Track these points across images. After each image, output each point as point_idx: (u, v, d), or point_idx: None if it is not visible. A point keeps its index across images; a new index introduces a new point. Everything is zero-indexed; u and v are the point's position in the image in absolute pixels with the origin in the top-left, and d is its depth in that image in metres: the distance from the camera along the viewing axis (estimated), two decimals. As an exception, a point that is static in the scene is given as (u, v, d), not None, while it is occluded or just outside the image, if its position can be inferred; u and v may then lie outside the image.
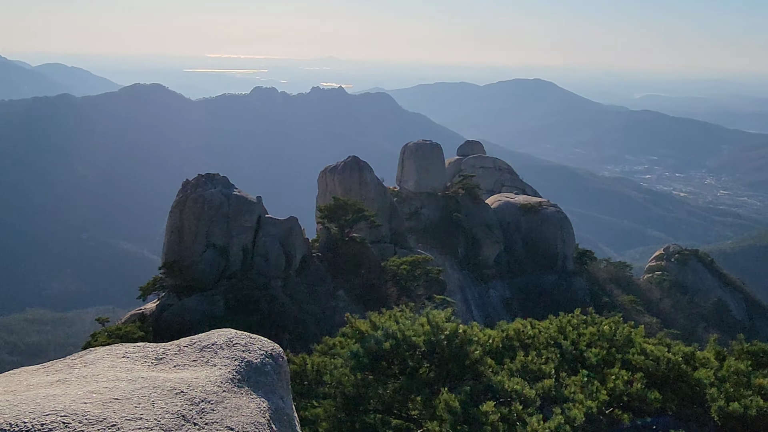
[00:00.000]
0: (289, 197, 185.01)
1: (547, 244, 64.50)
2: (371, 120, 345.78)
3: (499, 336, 9.21)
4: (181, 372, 3.71)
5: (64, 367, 3.65)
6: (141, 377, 3.36)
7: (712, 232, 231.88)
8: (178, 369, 3.74)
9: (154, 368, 3.65)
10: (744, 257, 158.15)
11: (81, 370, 3.52)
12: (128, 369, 3.52)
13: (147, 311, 36.70)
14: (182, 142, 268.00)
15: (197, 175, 42.06)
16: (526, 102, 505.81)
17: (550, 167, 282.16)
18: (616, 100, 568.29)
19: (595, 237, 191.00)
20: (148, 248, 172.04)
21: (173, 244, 39.17)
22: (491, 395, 7.71)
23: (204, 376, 3.66)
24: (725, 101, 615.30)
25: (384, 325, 8.98)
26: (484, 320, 53.35)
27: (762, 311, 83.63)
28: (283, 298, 37.98)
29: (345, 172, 52.10)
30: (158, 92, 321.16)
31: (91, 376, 3.36)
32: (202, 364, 3.85)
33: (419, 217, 61.44)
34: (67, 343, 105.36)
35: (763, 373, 8.25)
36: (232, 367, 3.80)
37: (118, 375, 3.35)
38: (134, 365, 3.61)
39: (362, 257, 44.56)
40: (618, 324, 9.31)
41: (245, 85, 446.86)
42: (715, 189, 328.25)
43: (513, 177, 77.94)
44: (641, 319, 59.96)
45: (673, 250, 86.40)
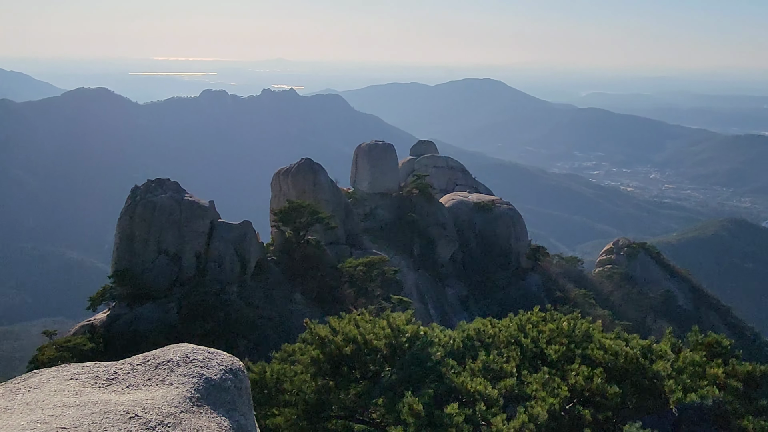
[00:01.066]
0: (242, 201, 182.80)
1: (500, 242, 65.29)
2: (323, 121, 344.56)
3: (459, 336, 9.18)
4: (135, 393, 3.44)
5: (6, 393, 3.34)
6: (91, 401, 3.09)
7: (659, 224, 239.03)
8: (132, 390, 3.45)
9: (105, 390, 3.38)
10: (689, 248, 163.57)
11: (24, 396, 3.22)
12: (77, 392, 3.24)
13: (97, 322, 35.67)
14: (130, 148, 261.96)
15: (147, 181, 41.15)
16: (477, 101, 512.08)
17: (501, 165, 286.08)
18: (563, 98, 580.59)
19: (547, 233, 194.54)
20: (97, 257, 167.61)
21: (123, 251, 38.19)
22: (455, 397, 7.67)
23: (160, 397, 3.41)
24: (668, 98, 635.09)
25: (344, 330, 8.85)
26: (441, 319, 53.67)
27: (707, 300, 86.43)
28: (238, 304, 37.42)
29: (298, 175, 51.64)
30: (103, 97, 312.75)
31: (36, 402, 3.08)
32: (157, 384, 3.58)
33: (374, 217, 61.41)
34: (13, 357, 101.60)
35: (718, 363, 8.44)
36: (190, 385, 3.56)
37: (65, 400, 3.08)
38: (83, 388, 3.34)
39: (318, 260, 44.29)
40: (576, 320, 9.40)
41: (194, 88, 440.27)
42: (660, 183, 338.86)
43: (466, 176, 78.61)
44: (594, 312, 61.24)
45: (622, 243, 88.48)
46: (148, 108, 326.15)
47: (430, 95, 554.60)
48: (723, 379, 8.06)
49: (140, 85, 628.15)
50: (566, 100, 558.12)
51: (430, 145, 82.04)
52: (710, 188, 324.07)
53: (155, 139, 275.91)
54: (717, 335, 9.17)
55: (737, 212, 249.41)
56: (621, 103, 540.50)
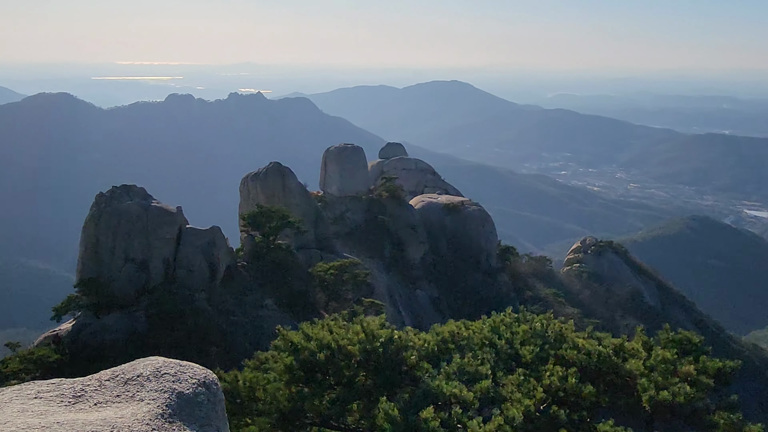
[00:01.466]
0: (210, 206, 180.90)
1: (470, 243, 65.67)
2: (292, 125, 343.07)
3: (434, 339, 9.15)
4: (104, 411, 3.23)
5: (-34, 415, 3.17)
6: (56, 422, 2.93)
7: (625, 223, 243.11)
8: (100, 407, 3.27)
9: (71, 409, 3.21)
10: (654, 246, 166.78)
11: (-14, 418, 3.07)
12: (42, 413, 3.08)
13: (62, 332, 34.84)
14: (94, 153, 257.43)
15: (112, 187, 40.37)
16: (445, 103, 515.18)
17: (470, 167, 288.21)
18: (530, 99, 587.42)
19: (517, 233, 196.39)
20: (61, 266, 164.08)
21: (89, 260, 37.41)
22: (430, 401, 7.63)
23: (130, 414, 3.24)
24: (632, 98, 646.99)
25: (317, 336, 8.74)
26: (413, 321, 53.72)
27: (673, 296, 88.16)
28: (208, 311, 36.93)
29: (267, 179, 51.27)
30: (66, 102, 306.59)
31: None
32: (127, 400, 3.40)
33: (344, 221, 61.28)
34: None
35: (689, 361, 8.55)
36: (162, 401, 3.39)
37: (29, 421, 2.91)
38: (49, 407, 3.18)
39: (288, 264, 43.97)
40: (549, 320, 9.44)
41: (159, 93, 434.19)
42: (626, 182, 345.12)
43: (435, 178, 78.92)
44: (563, 311, 61.98)
45: (590, 242, 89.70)
46: (113, 113, 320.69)
47: (398, 98, 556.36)
48: (694, 375, 8.17)
49: (104, 89, 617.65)
50: (533, 101, 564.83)
51: (399, 147, 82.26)
52: (674, 187, 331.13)
53: (120, 144, 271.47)
54: (687, 332, 9.31)
55: (700, 210, 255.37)
56: (587, 104, 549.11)
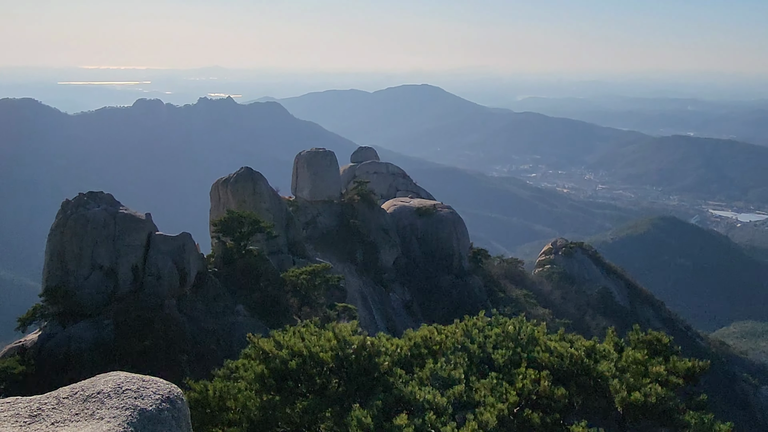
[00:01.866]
0: (180, 212, 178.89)
1: (442, 245, 65.85)
2: (262, 130, 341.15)
3: (406, 345, 9.09)
4: (61, 430, 3.05)
5: None
6: None
7: (594, 224, 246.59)
8: (58, 427, 3.08)
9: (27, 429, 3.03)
10: (623, 246, 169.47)
11: (-66, 442, 2.89)
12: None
13: (27, 343, 33.98)
14: (60, 160, 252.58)
15: (78, 194, 39.53)
16: (416, 107, 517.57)
17: (441, 170, 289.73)
18: (500, 102, 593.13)
19: (488, 235, 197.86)
20: (27, 274, 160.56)
21: (54, 268, 36.57)
22: (403, 407, 7.57)
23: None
24: (599, 101, 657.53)
25: (289, 343, 8.62)
26: (387, 324, 53.69)
27: (641, 295, 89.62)
28: (179, 318, 36.37)
29: (238, 184, 50.74)
30: (30, 107, 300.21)
31: (-53, 448, 2.75)
32: (86, 419, 3.14)
33: (316, 225, 61.01)
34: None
35: (659, 361, 8.63)
36: (123, 419, 3.17)
37: None
38: (2, 428, 3.00)
39: (260, 270, 43.53)
40: (522, 323, 9.45)
41: (127, 98, 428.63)
42: (594, 184, 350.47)
43: (407, 181, 79.04)
44: (535, 312, 62.58)
45: (560, 243, 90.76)
46: (79, 118, 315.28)
47: (369, 102, 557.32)
48: (665, 376, 8.25)
49: (70, 95, 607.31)
50: (503, 104, 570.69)
51: (370, 151, 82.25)
52: (641, 187, 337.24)
53: (87, 150, 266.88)
54: (657, 333, 9.40)
55: (666, 210, 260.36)
56: (555, 107, 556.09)
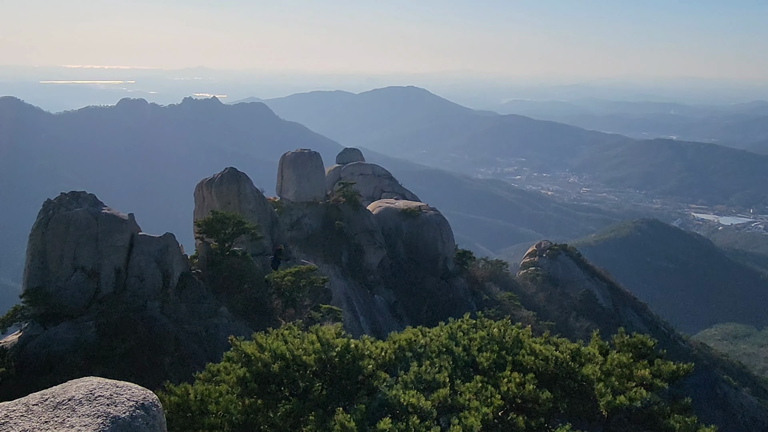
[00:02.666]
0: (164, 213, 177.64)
1: (428, 247, 65.77)
2: (247, 130, 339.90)
3: (391, 348, 9.00)
4: None
5: None
6: None
7: (577, 227, 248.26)
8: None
9: None
10: (606, 249, 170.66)
11: None
12: None
13: (8, 344, 33.48)
14: (42, 159, 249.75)
15: (60, 194, 39.01)
16: (401, 109, 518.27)
17: (426, 172, 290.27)
18: (485, 105, 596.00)
19: (473, 237, 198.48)
20: (8, 275, 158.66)
21: (35, 269, 36.07)
22: (387, 411, 7.48)
23: None
24: (583, 104, 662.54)
25: (271, 346, 8.50)
26: (371, 326, 53.54)
27: (625, 298, 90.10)
28: (161, 320, 36.01)
29: (222, 185, 50.35)
30: (12, 106, 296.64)
31: None
32: (55, 426, 3.01)
33: (301, 226, 60.72)
34: None
35: (644, 364, 8.62)
36: (94, 427, 3.03)
37: None
38: None
39: (244, 271, 43.21)
40: (507, 326, 9.40)
41: (110, 98, 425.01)
42: (578, 187, 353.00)
43: (392, 183, 78.89)
44: (519, 314, 62.73)
45: (544, 246, 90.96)
46: (62, 118, 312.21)
47: (354, 103, 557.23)
48: (650, 379, 8.24)
49: (52, 94, 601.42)
50: (488, 107, 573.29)
51: (355, 152, 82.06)
52: (624, 191, 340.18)
53: (70, 150, 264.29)
54: (642, 336, 9.40)
55: (649, 213, 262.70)
56: (540, 110, 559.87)
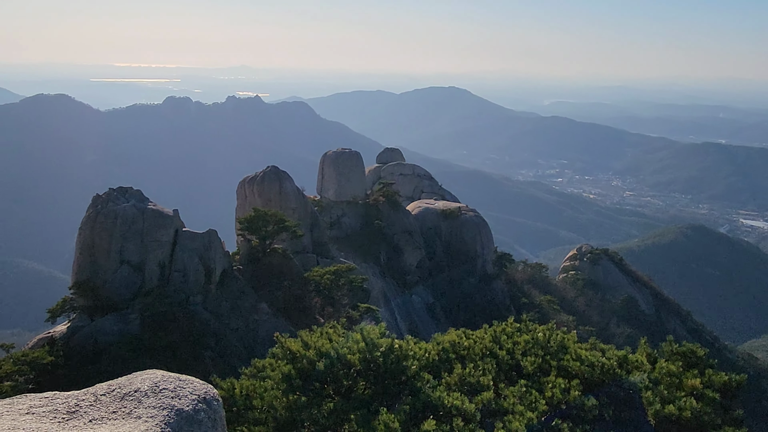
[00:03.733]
0: (207, 209, 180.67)
1: (466, 249, 65.52)
2: (289, 129, 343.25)
3: (435, 349, 9.01)
4: (99, 428, 2.98)
5: (-46, 431, 2.97)
6: None
7: (620, 231, 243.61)
8: (95, 424, 3.05)
9: (65, 426, 3.01)
10: (649, 254, 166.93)
11: (-26, 436, 2.87)
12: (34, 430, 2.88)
13: (57, 334, 34.54)
14: (92, 155, 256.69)
15: (108, 189, 40.08)
16: (442, 109, 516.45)
17: (466, 173, 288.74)
18: (527, 106, 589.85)
19: (512, 240, 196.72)
20: (58, 267, 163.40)
21: (84, 262, 37.12)
22: (431, 412, 7.49)
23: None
24: (627, 106, 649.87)
25: (316, 344, 8.60)
26: (409, 326, 53.56)
27: (668, 305, 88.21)
28: (203, 314, 36.69)
29: (264, 183, 51.06)
30: (63, 103, 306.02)
31: (-13, 443, 2.73)
32: (123, 417, 3.12)
33: (340, 225, 61.10)
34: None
35: (694, 374, 8.44)
36: (161, 419, 3.12)
37: None
38: (41, 423, 2.98)
39: (284, 268, 43.74)
40: (552, 330, 9.31)
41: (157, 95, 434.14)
42: (621, 190, 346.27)
43: (432, 183, 78.81)
44: (558, 318, 61.99)
45: (585, 250, 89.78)
46: (110, 115, 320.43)
47: (395, 103, 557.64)
48: (700, 389, 8.06)
49: (102, 91, 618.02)
50: (530, 108, 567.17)
51: (396, 152, 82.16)
52: (669, 195, 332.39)
53: (117, 146, 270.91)
54: (691, 345, 9.20)
55: (696, 219, 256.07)
56: (583, 112, 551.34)
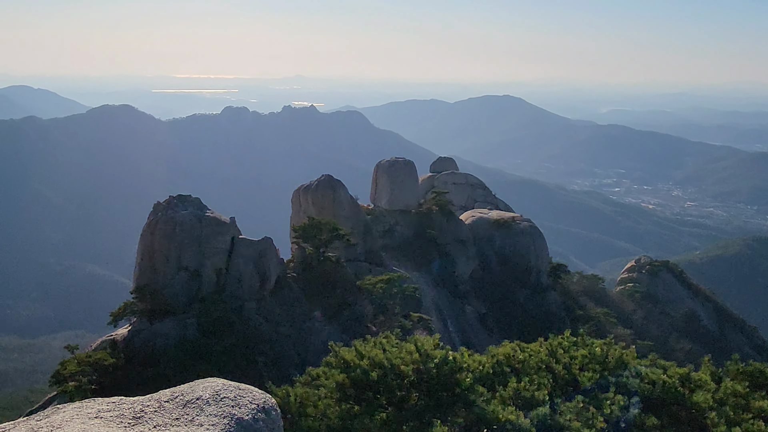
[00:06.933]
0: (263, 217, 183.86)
1: (520, 259, 64.57)
2: (343, 138, 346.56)
3: (489, 362, 8.90)
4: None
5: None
6: None
7: (680, 242, 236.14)
8: (159, 430, 3.15)
9: (131, 430, 3.14)
10: (712, 267, 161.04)
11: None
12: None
13: (118, 337, 35.64)
14: (152, 164, 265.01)
15: (168, 197, 41.25)
16: (496, 118, 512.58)
17: (520, 182, 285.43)
18: (583, 114, 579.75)
19: (567, 250, 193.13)
20: (119, 272, 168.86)
21: (144, 267, 38.25)
22: (485, 426, 7.41)
23: None
24: (688, 114, 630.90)
25: (370, 354, 8.62)
26: (461, 337, 53.11)
27: (732, 320, 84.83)
28: (257, 320, 37.27)
29: (318, 191, 51.62)
30: (127, 113, 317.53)
31: (59, 445, 2.86)
32: (185, 424, 3.23)
33: (393, 234, 61.11)
34: (35, 370, 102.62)
35: (762, 395, 8.07)
36: (221, 427, 3.20)
37: None
38: (108, 428, 3.10)
39: (337, 276, 44.04)
40: (610, 345, 9.08)
41: (215, 105, 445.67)
42: (682, 200, 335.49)
43: (485, 192, 78.09)
44: (615, 331, 60.41)
45: (644, 261, 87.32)
46: (171, 124, 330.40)
47: (449, 112, 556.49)
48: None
49: (163, 102, 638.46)
50: (586, 116, 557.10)
51: (449, 161, 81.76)
52: (733, 206, 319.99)
53: (177, 155, 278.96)
54: (760, 364, 8.80)
55: (761, 230, 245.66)
56: (642, 120, 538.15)
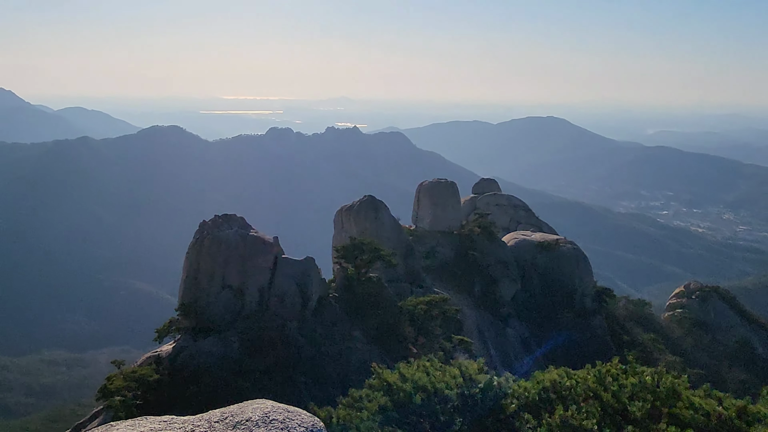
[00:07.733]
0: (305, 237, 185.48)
1: (564, 282, 63.51)
2: (386, 159, 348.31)
3: (535, 388, 8.71)
4: None
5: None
6: None
7: (732, 268, 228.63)
8: None
9: None
10: (766, 294, 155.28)
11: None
12: None
13: (163, 353, 36.18)
14: (199, 183, 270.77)
15: (214, 216, 41.96)
16: (540, 139, 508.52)
17: (564, 204, 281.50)
18: (629, 136, 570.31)
19: (612, 274, 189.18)
20: (165, 289, 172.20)
21: (189, 285, 38.86)
22: (531, 454, 7.24)
23: None
24: (739, 135, 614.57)
25: (413, 377, 8.55)
26: (502, 360, 52.34)
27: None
28: (299, 340, 37.41)
29: (361, 212, 51.85)
30: (176, 134, 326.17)
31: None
32: None
33: (435, 255, 60.84)
34: (82, 384, 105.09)
35: (824, 430, 7.70)
36: None
37: None
38: None
39: (379, 297, 43.94)
40: (661, 374, 8.79)
41: (260, 126, 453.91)
42: (734, 224, 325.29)
43: (528, 214, 77.28)
44: (663, 358, 58.70)
45: (694, 287, 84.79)
46: (217, 145, 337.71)
47: (492, 133, 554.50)
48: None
49: (210, 123, 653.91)
50: (632, 138, 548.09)
51: (492, 183, 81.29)
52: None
53: (223, 174, 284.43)
54: (821, 397, 8.40)
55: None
56: (690, 141, 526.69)
